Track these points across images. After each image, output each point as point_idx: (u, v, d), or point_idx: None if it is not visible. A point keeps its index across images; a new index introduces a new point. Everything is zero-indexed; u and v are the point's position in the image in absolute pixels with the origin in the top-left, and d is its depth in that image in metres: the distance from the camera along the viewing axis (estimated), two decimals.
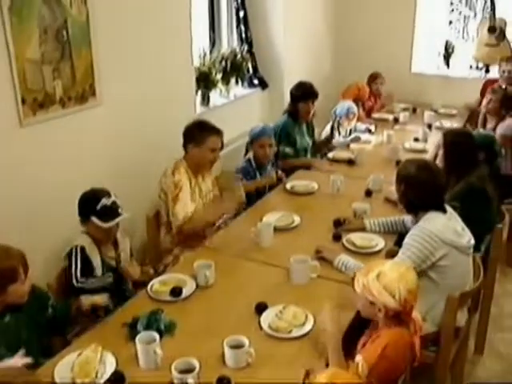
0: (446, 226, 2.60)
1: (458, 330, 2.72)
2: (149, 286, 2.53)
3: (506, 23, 6.31)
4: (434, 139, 4.80)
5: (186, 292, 2.47)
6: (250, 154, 3.99)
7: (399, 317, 1.97)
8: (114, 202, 2.66)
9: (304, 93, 4.52)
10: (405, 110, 6.02)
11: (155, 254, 3.31)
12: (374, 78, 6.02)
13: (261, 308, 2.33)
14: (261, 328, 2.23)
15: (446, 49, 6.77)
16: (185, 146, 3.29)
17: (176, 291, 2.44)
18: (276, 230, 3.06)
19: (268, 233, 2.97)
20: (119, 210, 2.67)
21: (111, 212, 2.64)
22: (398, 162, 4.16)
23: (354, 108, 5.10)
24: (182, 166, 3.24)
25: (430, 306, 2.62)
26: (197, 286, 2.53)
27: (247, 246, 2.96)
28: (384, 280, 1.94)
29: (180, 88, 4.08)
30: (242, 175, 3.82)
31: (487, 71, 6.61)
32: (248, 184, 3.76)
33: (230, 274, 2.70)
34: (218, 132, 3.29)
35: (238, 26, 5.28)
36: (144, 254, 3.50)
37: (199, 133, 3.24)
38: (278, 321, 2.25)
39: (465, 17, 6.80)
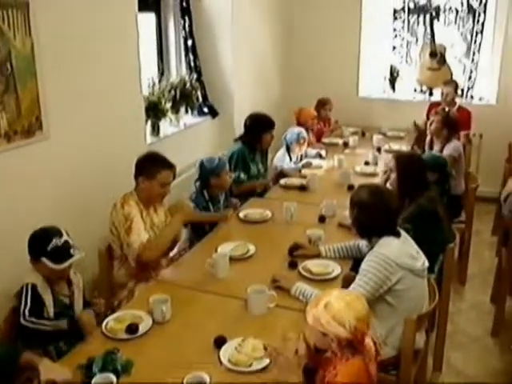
0: (400, 250, 2.63)
1: (417, 352, 2.75)
2: (103, 325, 2.45)
3: (445, 48, 6.57)
4: (384, 162, 4.91)
5: (142, 329, 2.40)
6: (200, 185, 3.94)
7: (353, 345, 1.96)
8: (66, 242, 2.56)
9: (266, 124, 4.59)
10: (354, 134, 6.13)
11: (108, 289, 3.23)
12: (322, 104, 6.11)
13: (220, 342, 2.29)
14: (221, 363, 2.19)
15: (391, 73, 6.98)
16: (136, 178, 3.23)
17: (132, 328, 2.37)
18: (232, 259, 3.03)
19: (224, 263, 2.94)
20: (71, 251, 2.57)
21: (63, 253, 2.54)
22: (349, 187, 4.23)
23: (304, 133, 5.15)
24: (131, 198, 3.17)
25: (389, 330, 2.64)
26: (153, 321, 2.46)
27: (203, 277, 2.92)
28: (332, 310, 1.93)
29: (129, 119, 4.04)
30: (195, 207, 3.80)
31: (431, 94, 6.84)
32: (202, 215, 3.73)
33: (187, 307, 2.65)
34: (170, 166, 3.23)
35: (186, 54, 5.29)
36: (96, 289, 3.41)
37: (151, 166, 3.18)
38: (237, 354, 2.21)
39: (407, 42, 7.03)
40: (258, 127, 4.60)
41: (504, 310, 4.02)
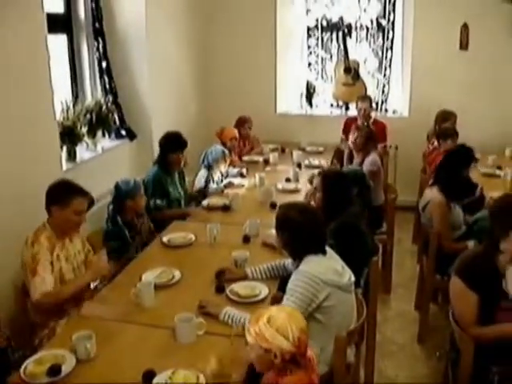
0: (326, 267, 2.65)
1: (348, 367, 2.77)
2: (22, 369, 2.29)
3: (358, 64, 6.77)
4: (305, 178, 4.97)
5: (65, 369, 2.26)
6: (111, 212, 3.83)
7: (296, 359, 1.95)
8: None
9: (173, 143, 4.49)
10: (274, 150, 6.16)
11: (27, 327, 3.06)
12: (242, 123, 6.12)
13: (149, 376, 2.21)
14: None
15: (308, 89, 7.12)
16: (48, 207, 3.07)
17: (54, 370, 2.23)
18: (157, 287, 2.95)
19: (149, 292, 2.85)
20: None
21: None
22: (272, 204, 4.24)
23: (226, 150, 5.15)
24: (43, 233, 3.02)
25: (320, 347, 2.64)
26: (77, 360, 2.34)
27: (128, 308, 2.81)
28: (275, 323, 1.92)
29: (43, 145, 3.87)
30: (111, 240, 3.68)
31: (347, 108, 7.02)
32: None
33: (113, 341, 2.54)
34: (84, 193, 3.11)
35: (101, 76, 5.15)
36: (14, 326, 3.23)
37: (63, 194, 3.04)
38: None
39: (322, 59, 7.18)
40: (165, 146, 4.53)
41: (428, 317, 4.13)
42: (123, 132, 5.35)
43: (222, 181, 5.07)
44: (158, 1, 5.50)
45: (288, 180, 5.06)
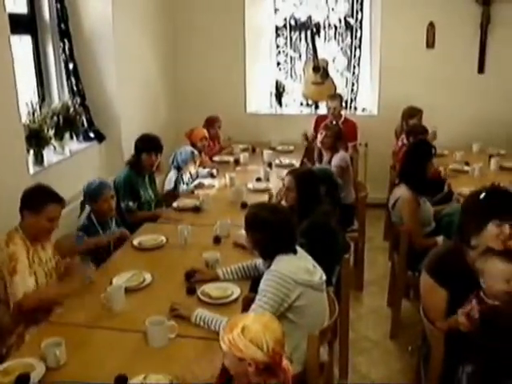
0: (297, 267, 2.65)
1: (322, 365, 2.78)
2: None
3: (327, 63, 6.80)
4: (276, 177, 4.98)
5: (34, 378, 2.20)
6: (89, 211, 3.79)
7: (270, 368, 1.93)
8: None
9: (148, 144, 4.46)
10: (244, 150, 6.15)
11: None
12: (211, 123, 6.08)
13: (120, 381, 2.17)
14: None
15: (277, 88, 7.12)
16: (21, 212, 3.03)
17: (22, 379, 2.17)
18: (127, 291, 2.91)
19: (119, 296, 2.81)
20: None
21: None
22: (243, 204, 4.23)
23: (195, 151, 5.12)
24: (16, 235, 2.97)
25: (293, 346, 2.64)
26: (47, 368, 2.29)
27: (98, 313, 2.77)
28: (249, 334, 1.90)
29: (8, 149, 3.79)
30: (85, 233, 3.63)
31: (317, 107, 7.05)
32: (89, 241, 3.60)
33: (83, 347, 2.50)
34: (58, 200, 3.05)
35: (68, 78, 5.06)
36: None
37: (37, 200, 2.99)
38: None
39: (291, 58, 7.19)
40: (140, 146, 4.49)
41: (400, 313, 4.17)
42: (91, 134, 5.28)
43: (191, 182, 5.04)
44: (125, 2, 5.45)
45: (259, 180, 5.05)
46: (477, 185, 4.47)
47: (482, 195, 2.69)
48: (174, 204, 4.45)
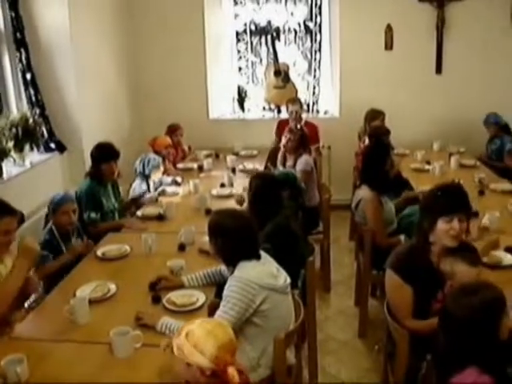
0: (261, 271, 2.66)
1: (290, 368, 2.79)
2: None
3: (288, 67, 6.85)
4: (240, 182, 4.98)
5: None
6: (52, 225, 3.74)
7: (217, 375, 1.91)
8: None
9: (105, 153, 4.41)
10: (208, 156, 6.14)
11: None
12: (173, 131, 6.08)
13: None
14: None
15: (239, 93, 7.13)
16: None
17: None
18: (92, 302, 2.88)
19: (83, 308, 2.77)
20: None
21: None
22: (207, 211, 4.22)
23: (158, 158, 5.10)
24: None
25: (260, 351, 2.66)
26: None
27: (62, 326, 2.73)
28: (193, 339, 1.88)
29: None
30: (47, 250, 3.57)
31: (279, 111, 7.07)
32: (52, 265, 3.54)
33: (47, 363, 2.45)
34: (11, 212, 2.95)
35: (26, 89, 5.00)
36: None
37: None
38: None
39: (252, 63, 7.22)
40: (98, 157, 4.43)
41: (367, 312, 4.21)
42: (52, 145, 5.22)
43: (156, 189, 5.01)
44: (82, 9, 5.39)
45: (223, 185, 5.05)
46: (438, 183, 4.56)
47: (435, 193, 2.76)
48: (138, 212, 4.42)
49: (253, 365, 2.63)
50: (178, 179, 5.25)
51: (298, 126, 5.51)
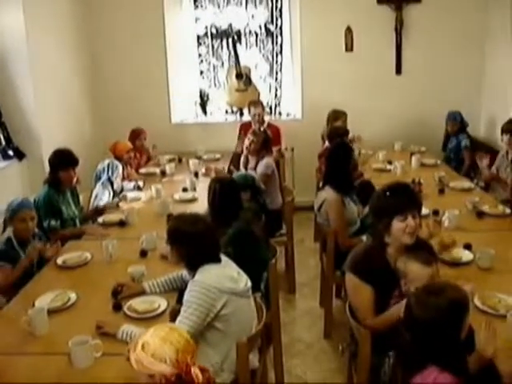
0: (222, 275, 2.65)
1: (254, 372, 2.78)
2: None
3: (250, 70, 6.86)
4: (203, 186, 4.95)
5: None
6: (10, 233, 3.66)
7: (182, 379, 1.90)
8: None
9: (63, 160, 4.33)
10: (171, 161, 6.09)
11: None
12: (137, 134, 6.02)
13: None
14: None
15: (201, 97, 7.11)
16: None
17: None
18: (51, 312, 2.82)
19: (41, 319, 2.71)
20: None
21: None
22: (169, 216, 4.18)
23: (120, 165, 5.05)
24: None
25: (223, 355, 2.64)
26: None
27: (20, 338, 2.66)
28: (150, 349, 1.87)
29: None
30: (3, 261, 3.49)
31: (241, 114, 7.06)
32: (10, 274, 3.44)
33: (3, 378, 2.37)
34: None
35: None
36: None
37: None
38: None
39: (214, 66, 7.19)
40: (56, 164, 4.35)
41: (332, 313, 4.22)
42: (10, 152, 5.12)
43: (117, 195, 4.95)
44: (38, 14, 5.33)
45: (185, 190, 5.02)
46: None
47: (385, 193, 2.79)
48: (100, 219, 4.36)
49: (216, 370, 2.61)
50: (140, 184, 5.19)
51: (262, 129, 5.52)
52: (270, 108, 7.07)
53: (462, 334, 2.08)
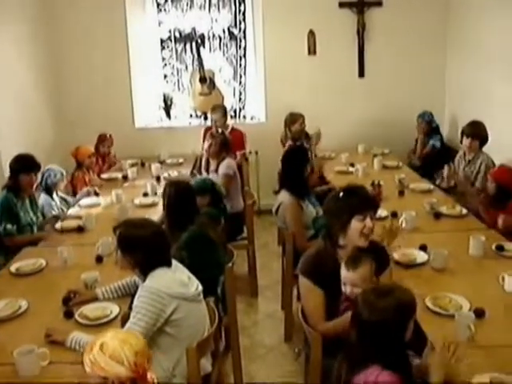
0: (171, 280, 2.63)
1: (207, 377, 2.77)
2: None
3: (213, 73, 6.85)
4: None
5: None
6: None
7: (136, 383, 1.89)
8: None
9: (26, 164, 4.29)
10: (133, 165, 6.04)
11: None
12: (101, 140, 6.00)
13: None
14: None
15: (165, 101, 7.08)
16: None
17: None
18: (0, 321, 2.78)
19: None
20: None
21: None
22: (114, 228, 4.13)
23: (63, 171, 4.94)
24: None
25: (175, 361, 2.63)
26: None
27: None
28: (108, 350, 1.85)
29: None
30: None
31: (206, 118, 7.04)
32: None
33: None
34: None
35: None
36: None
37: None
38: None
39: (178, 70, 7.17)
40: (17, 168, 4.30)
41: (292, 316, 4.21)
42: None
43: (65, 202, 4.89)
44: None
45: (146, 194, 4.99)
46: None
47: (340, 195, 2.80)
48: (57, 225, 4.30)
49: (167, 375, 2.60)
50: (96, 189, 5.14)
51: (220, 131, 5.51)
52: (235, 111, 7.09)
53: (407, 335, 2.10)
